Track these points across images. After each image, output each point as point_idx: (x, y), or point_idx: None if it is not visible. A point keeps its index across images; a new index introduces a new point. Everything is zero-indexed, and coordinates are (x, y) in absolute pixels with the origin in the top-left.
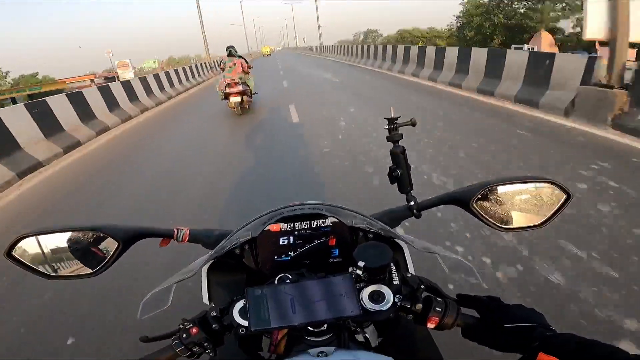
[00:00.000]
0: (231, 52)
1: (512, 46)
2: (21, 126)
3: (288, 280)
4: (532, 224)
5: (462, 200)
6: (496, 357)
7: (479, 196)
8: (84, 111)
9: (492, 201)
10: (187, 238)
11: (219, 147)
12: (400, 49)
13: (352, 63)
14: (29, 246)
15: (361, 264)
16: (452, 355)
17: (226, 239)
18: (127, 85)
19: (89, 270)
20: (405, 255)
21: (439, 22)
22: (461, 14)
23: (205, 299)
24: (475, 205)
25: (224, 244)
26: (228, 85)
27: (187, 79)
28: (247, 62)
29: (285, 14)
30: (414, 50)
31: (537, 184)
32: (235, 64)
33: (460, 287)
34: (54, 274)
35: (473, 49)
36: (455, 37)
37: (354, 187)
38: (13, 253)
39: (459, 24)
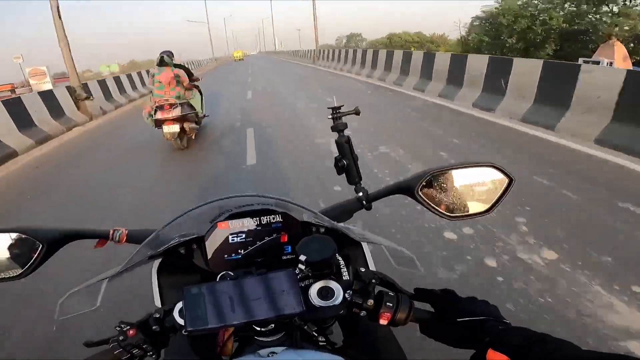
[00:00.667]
0: (163, 60)
1: (581, 59)
2: None
3: (229, 278)
4: (478, 211)
5: (407, 188)
6: (458, 354)
7: (424, 183)
8: None
9: (437, 188)
10: (125, 239)
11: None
12: (398, 54)
13: (335, 70)
14: None
15: (302, 258)
16: (417, 353)
17: (160, 229)
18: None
19: (14, 274)
20: (365, 250)
21: (426, 28)
22: (485, 14)
23: (157, 302)
24: (420, 193)
25: (162, 238)
26: (159, 108)
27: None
28: (189, 74)
29: (261, 16)
30: (417, 56)
31: (480, 169)
32: (170, 77)
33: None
34: None
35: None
36: (464, 43)
37: None
38: None
39: (486, 25)
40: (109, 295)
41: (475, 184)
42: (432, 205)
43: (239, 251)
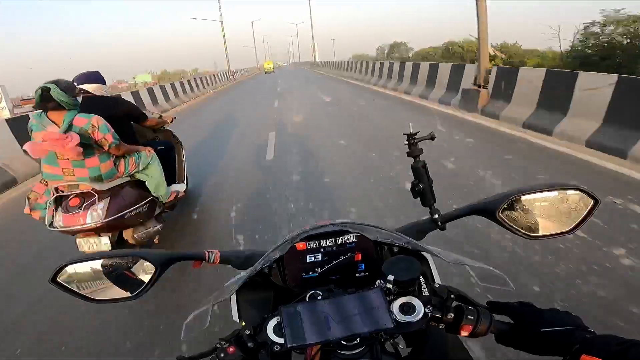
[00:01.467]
0: (47, 98)
1: None
2: None
3: (320, 297)
4: (560, 231)
5: (487, 210)
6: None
7: (505, 206)
8: None
9: (519, 210)
10: (218, 260)
11: None
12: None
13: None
14: (72, 272)
15: (391, 277)
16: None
17: (259, 261)
18: None
19: (129, 294)
20: (431, 266)
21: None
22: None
23: (235, 317)
24: (501, 215)
25: (257, 264)
26: (58, 202)
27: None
28: (134, 117)
29: (293, 27)
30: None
31: (564, 191)
32: (67, 141)
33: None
34: (97, 298)
35: None
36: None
37: None
38: (57, 279)
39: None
40: None
41: (559, 205)
42: (514, 226)
43: (316, 269)
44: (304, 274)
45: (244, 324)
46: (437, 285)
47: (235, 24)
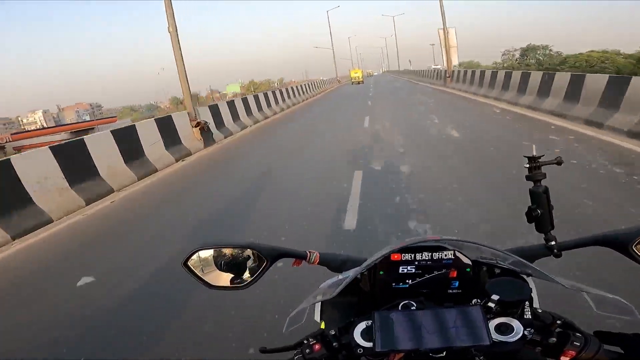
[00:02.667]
0: None
1: None
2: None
3: (413, 307)
4: None
5: (618, 242)
6: None
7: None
8: None
9: None
10: (317, 261)
11: None
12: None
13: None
14: (200, 257)
15: (495, 297)
16: None
17: (361, 267)
18: None
19: (241, 284)
20: (533, 291)
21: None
22: None
23: (317, 317)
24: (635, 249)
25: (359, 269)
26: None
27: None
28: None
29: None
30: None
31: None
32: None
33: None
34: (214, 284)
35: None
36: None
37: None
38: (188, 263)
39: None
40: None
41: None
42: None
43: (407, 281)
44: (394, 284)
45: (324, 324)
46: (539, 310)
47: (327, 35)
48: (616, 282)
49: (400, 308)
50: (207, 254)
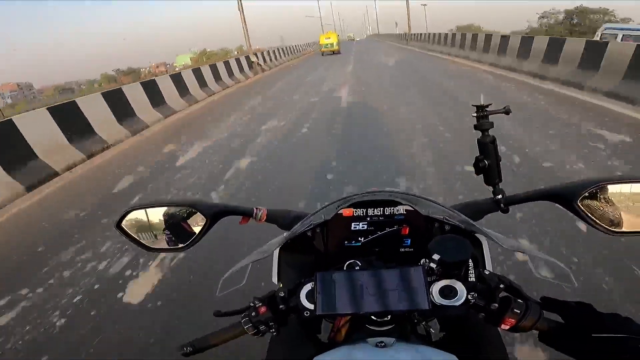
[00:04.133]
0: None
1: None
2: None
3: (357, 267)
4: None
5: (563, 197)
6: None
7: (586, 194)
8: None
9: (601, 201)
10: (265, 218)
11: None
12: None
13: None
14: (134, 219)
15: (436, 257)
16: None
17: (301, 222)
18: None
19: (180, 245)
20: (484, 250)
21: None
22: None
23: (275, 279)
24: (579, 204)
25: (298, 226)
26: None
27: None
28: None
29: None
30: None
31: None
32: None
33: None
34: (152, 247)
35: None
36: None
37: None
38: (122, 225)
39: None
40: None
41: None
42: (594, 218)
43: (359, 239)
44: (346, 242)
45: (281, 285)
46: (486, 272)
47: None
48: None
49: (345, 268)
50: (142, 214)
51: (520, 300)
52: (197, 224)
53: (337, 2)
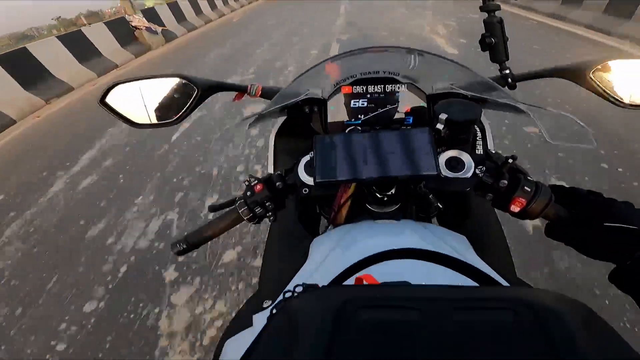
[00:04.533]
0: None
1: None
2: None
3: (360, 130)
4: None
5: (575, 72)
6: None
7: (599, 67)
8: None
9: (614, 74)
10: (260, 93)
11: None
12: None
13: None
14: (119, 94)
15: (443, 116)
16: None
17: (292, 82)
18: None
19: (170, 119)
20: (487, 132)
21: None
22: None
23: (270, 167)
24: (592, 76)
25: (291, 92)
26: None
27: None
28: None
29: None
30: None
31: None
32: None
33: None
34: (139, 122)
35: None
36: None
37: None
38: (106, 100)
39: None
40: None
41: None
42: (606, 90)
43: (359, 116)
44: (346, 120)
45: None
46: (493, 151)
47: None
48: None
49: (347, 132)
50: (128, 88)
51: (530, 178)
52: (185, 96)
53: None
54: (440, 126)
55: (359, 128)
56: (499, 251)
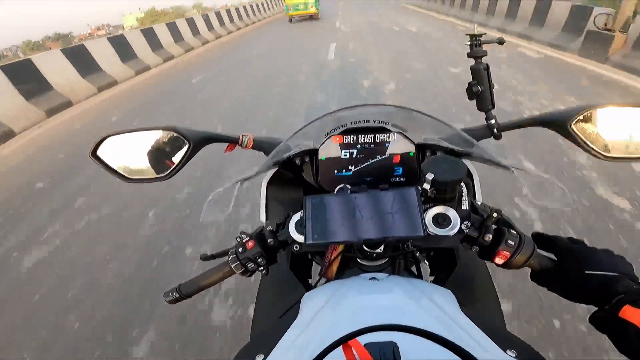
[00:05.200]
0: None
1: None
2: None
3: (349, 192)
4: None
5: (557, 122)
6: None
7: (580, 118)
8: None
9: (595, 125)
10: (251, 144)
11: None
12: None
13: None
14: (110, 147)
15: (429, 176)
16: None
17: (286, 140)
18: None
19: (161, 174)
20: (475, 181)
21: None
22: None
23: (262, 217)
24: (574, 128)
25: (284, 148)
26: None
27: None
28: None
29: None
30: None
31: None
32: None
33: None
34: (130, 177)
35: None
36: None
37: None
38: (97, 153)
39: None
40: None
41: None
42: (587, 142)
43: (350, 167)
44: (336, 172)
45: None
46: (479, 203)
47: None
48: None
49: (335, 192)
50: (119, 141)
51: (514, 232)
52: (177, 151)
53: None
54: (427, 186)
55: (349, 187)
56: (488, 301)
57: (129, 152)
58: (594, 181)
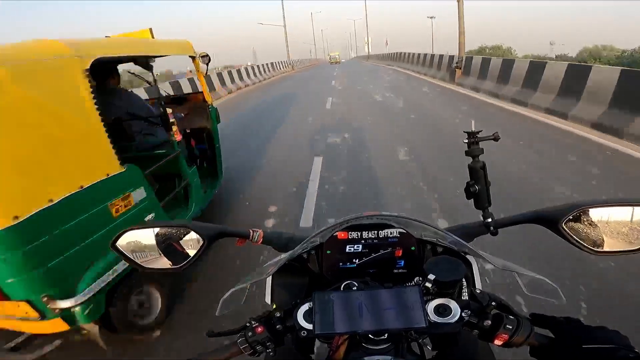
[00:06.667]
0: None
1: None
2: None
3: (355, 288)
4: (629, 248)
5: (549, 220)
6: None
7: (570, 217)
8: None
9: (585, 223)
10: (261, 240)
11: None
12: None
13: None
14: (129, 239)
15: (432, 277)
16: None
17: (299, 245)
18: None
19: (176, 265)
20: (474, 270)
21: None
22: None
23: (268, 299)
24: (564, 227)
25: (296, 249)
26: None
27: None
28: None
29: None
30: None
31: (636, 207)
32: None
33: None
34: (146, 266)
35: None
36: None
37: None
38: (117, 244)
39: None
40: None
41: (628, 222)
42: (577, 240)
43: (354, 260)
44: (341, 264)
45: (275, 306)
46: (478, 291)
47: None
48: None
49: (342, 289)
50: (138, 234)
51: (511, 317)
52: (192, 245)
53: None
54: (429, 284)
55: (355, 283)
56: None
57: (146, 244)
58: None
